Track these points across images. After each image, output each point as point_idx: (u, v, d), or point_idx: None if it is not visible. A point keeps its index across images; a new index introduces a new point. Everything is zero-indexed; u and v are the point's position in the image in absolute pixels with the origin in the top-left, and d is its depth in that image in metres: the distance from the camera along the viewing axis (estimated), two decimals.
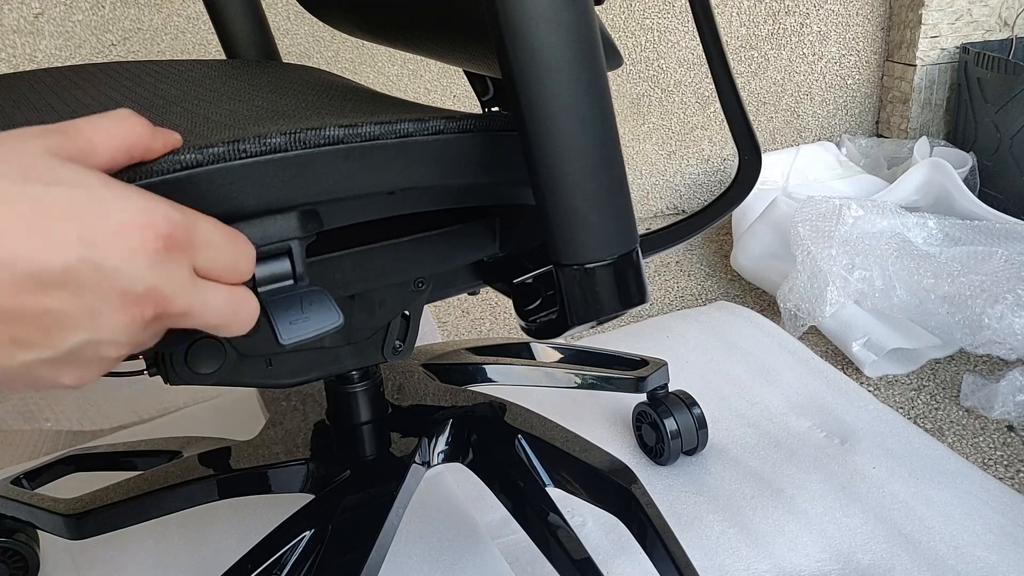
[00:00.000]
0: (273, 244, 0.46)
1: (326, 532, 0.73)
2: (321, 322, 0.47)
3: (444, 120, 0.51)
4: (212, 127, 0.50)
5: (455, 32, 0.63)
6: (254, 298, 0.41)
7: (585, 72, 0.45)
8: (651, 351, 1.16)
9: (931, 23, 1.89)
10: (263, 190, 0.45)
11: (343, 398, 0.83)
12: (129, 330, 0.36)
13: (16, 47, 1.53)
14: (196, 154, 0.42)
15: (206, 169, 0.43)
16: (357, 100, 0.65)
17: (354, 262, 0.58)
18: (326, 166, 0.46)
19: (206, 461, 0.85)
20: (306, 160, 0.46)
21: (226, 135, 0.45)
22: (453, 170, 0.52)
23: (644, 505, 0.80)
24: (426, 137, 0.50)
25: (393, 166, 0.49)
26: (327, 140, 0.46)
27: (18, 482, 0.96)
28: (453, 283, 0.68)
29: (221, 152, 0.43)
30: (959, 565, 0.93)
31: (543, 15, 0.43)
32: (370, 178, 0.49)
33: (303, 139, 0.45)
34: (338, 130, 0.46)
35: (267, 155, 0.44)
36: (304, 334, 0.46)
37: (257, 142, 0.44)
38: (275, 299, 0.46)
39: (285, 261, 0.46)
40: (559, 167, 0.46)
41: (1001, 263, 1.33)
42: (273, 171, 0.45)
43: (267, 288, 0.46)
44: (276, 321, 0.45)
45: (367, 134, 0.47)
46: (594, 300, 0.50)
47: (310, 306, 0.47)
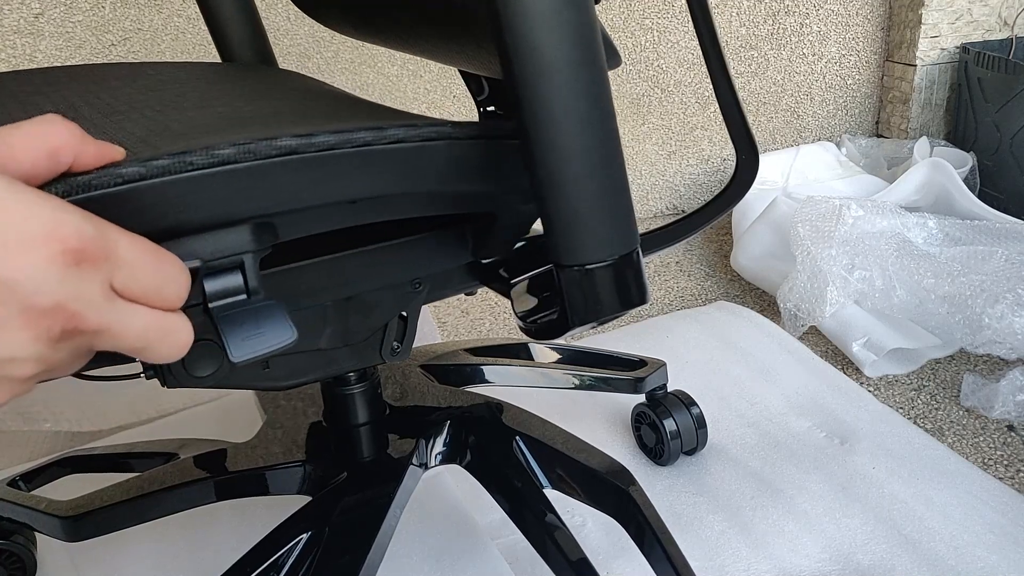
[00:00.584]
0: (225, 258, 0.44)
1: (323, 534, 0.73)
2: (274, 338, 0.45)
3: (405, 128, 0.49)
4: (167, 136, 0.49)
5: (451, 32, 0.62)
6: (185, 324, 0.39)
7: (586, 71, 0.45)
8: (651, 351, 1.16)
9: (931, 23, 1.89)
10: (213, 203, 0.43)
11: (340, 399, 0.83)
12: (34, 347, 0.34)
13: (16, 47, 1.53)
14: (139, 167, 0.41)
15: (150, 182, 0.41)
16: (329, 107, 0.64)
17: (322, 270, 0.58)
18: (279, 177, 0.45)
19: (203, 463, 0.85)
20: (258, 172, 0.44)
21: (178, 145, 0.44)
22: (414, 179, 0.51)
23: (642, 507, 0.80)
24: (385, 146, 0.48)
25: (351, 176, 0.48)
26: (280, 151, 0.44)
27: (15, 484, 0.96)
28: (450, 284, 0.67)
29: (166, 165, 0.41)
30: (959, 565, 0.93)
31: (544, 14, 0.43)
32: (327, 188, 0.47)
33: (254, 150, 0.43)
34: (292, 140, 0.45)
35: (216, 167, 0.43)
36: (256, 351, 0.45)
37: (205, 154, 0.42)
38: (227, 314, 0.44)
39: (237, 275, 0.45)
40: (559, 167, 0.46)
41: (1001, 263, 1.33)
42: (223, 184, 0.43)
43: (218, 303, 0.44)
44: (227, 337, 0.44)
45: (322, 144, 0.46)
46: (594, 301, 0.50)
47: (264, 321, 0.45)
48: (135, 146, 0.46)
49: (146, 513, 0.82)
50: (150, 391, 1.35)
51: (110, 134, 0.50)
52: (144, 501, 0.82)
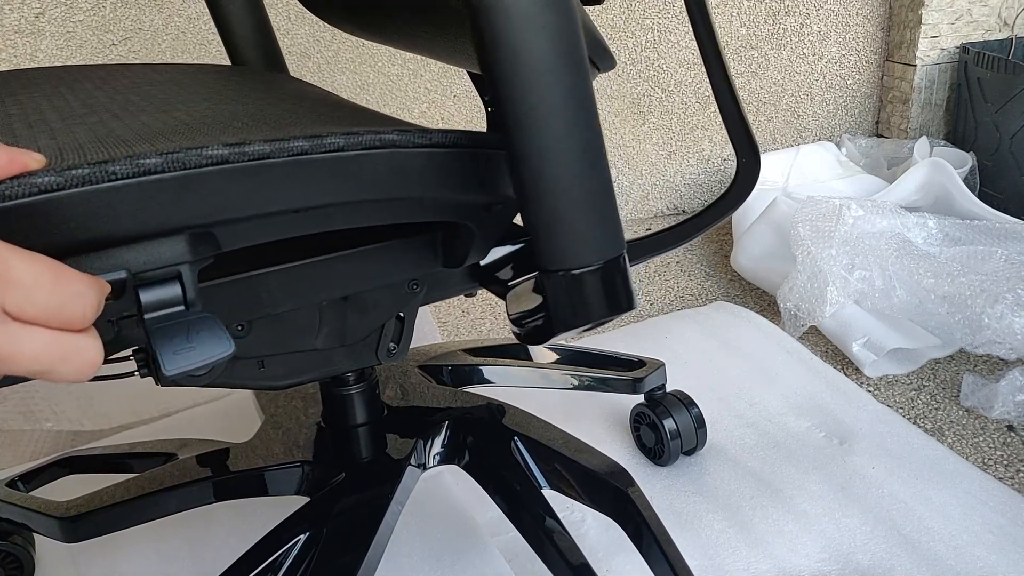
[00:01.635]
0: (159, 269, 0.43)
1: (321, 535, 0.73)
2: (209, 351, 0.44)
3: (345, 137, 0.48)
4: (108, 142, 0.48)
5: (453, 32, 0.62)
6: (92, 343, 0.37)
7: (568, 75, 0.44)
8: (650, 351, 1.16)
9: (931, 23, 1.88)
10: (141, 214, 0.42)
11: (339, 400, 0.83)
12: None
13: (17, 47, 1.53)
14: (56, 177, 0.39)
15: (68, 193, 0.40)
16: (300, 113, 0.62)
17: (318, 270, 0.57)
18: (210, 187, 0.44)
19: (202, 463, 0.85)
20: (187, 181, 0.43)
21: (106, 153, 0.43)
22: (354, 189, 0.49)
23: (641, 508, 0.80)
24: (322, 155, 0.47)
25: (286, 186, 0.46)
26: (209, 160, 0.43)
27: (13, 484, 0.96)
28: (448, 285, 0.67)
29: (85, 175, 0.40)
30: (958, 565, 0.93)
31: (524, 17, 0.42)
32: (263, 198, 0.46)
33: (182, 160, 0.42)
34: (223, 149, 0.43)
35: (140, 177, 0.41)
36: (189, 364, 0.44)
37: (129, 163, 0.41)
38: (161, 327, 0.43)
39: (175, 286, 0.44)
40: (542, 171, 0.45)
41: (1001, 263, 1.33)
42: (150, 194, 0.42)
43: (154, 315, 0.43)
44: (159, 351, 0.43)
45: (254, 153, 0.44)
46: (581, 306, 0.50)
47: (198, 334, 0.44)
48: (72, 152, 0.45)
49: (144, 514, 0.82)
50: (150, 391, 1.36)
51: (59, 140, 0.49)
52: (142, 502, 0.82)
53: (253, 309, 0.57)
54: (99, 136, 0.50)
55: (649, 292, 1.67)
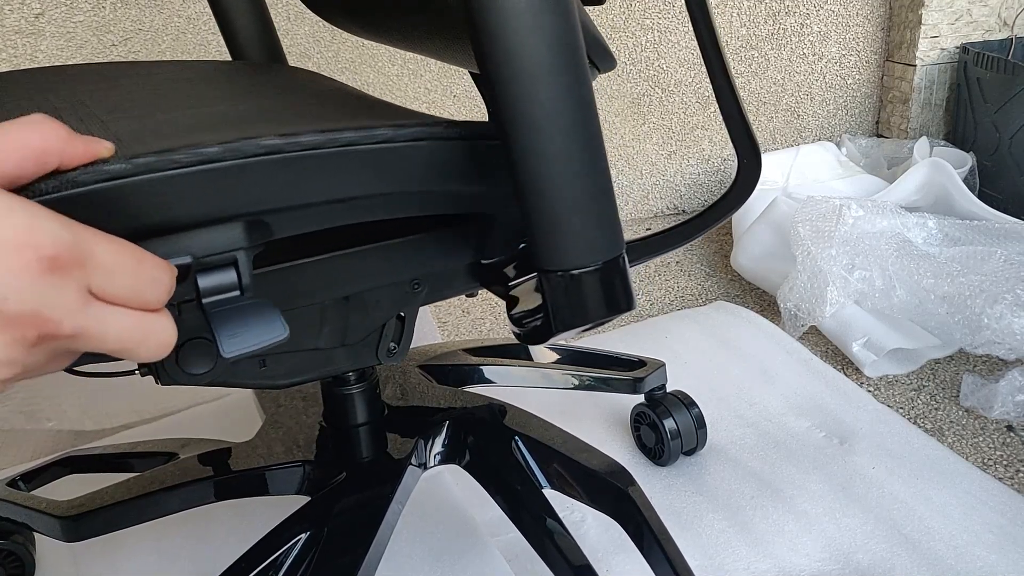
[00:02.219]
0: (217, 255, 0.45)
1: (322, 534, 0.73)
2: (265, 334, 0.46)
3: (393, 128, 0.49)
4: (161, 134, 0.49)
5: (454, 31, 0.62)
6: (167, 324, 0.39)
7: (566, 75, 0.44)
8: (650, 351, 1.16)
9: (931, 23, 1.88)
10: (200, 201, 0.44)
11: (340, 399, 0.83)
12: (8, 352, 0.34)
13: (17, 47, 1.53)
14: (124, 164, 0.41)
15: (135, 180, 0.41)
16: (329, 105, 0.64)
17: (321, 269, 0.57)
18: (265, 176, 0.45)
19: (202, 463, 0.85)
20: (243, 170, 0.44)
21: (166, 143, 0.44)
22: (402, 179, 0.51)
23: (641, 508, 0.80)
24: (370, 146, 0.48)
25: (336, 175, 0.48)
26: (265, 150, 0.45)
27: (14, 484, 0.96)
28: (450, 285, 0.67)
29: (151, 162, 0.42)
30: (958, 565, 0.93)
31: (521, 17, 0.43)
32: (314, 187, 0.47)
33: (239, 149, 0.44)
34: (276, 139, 0.45)
35: (201, 165, 0.43)
36: (247, 347, 0.45)
37: (190, 152, 0.43)
38: (218, 311, 0.45)
39: (231, 272, 0.45)
40: (541, 172, 0.46)
41: (1001, 263, 1.33)
42: (209, 182, 0.43)
43: (211, 299, 0.45)
44: (218, 333, 0.44)
45: (307, 143, 0.46)
46: (579, 306, 0.50)
47: (255, 318, 0.45)
48: (130, 143, 0.46)
49: (145, 513, 0.82)
50: (152, 391, 1.36)
51: (111, 131, 0.50)
52: (143, 501, 0.82)
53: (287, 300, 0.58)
54: (148, 128, 0.51)
55: (649, 292, 1.67)
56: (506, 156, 0.46)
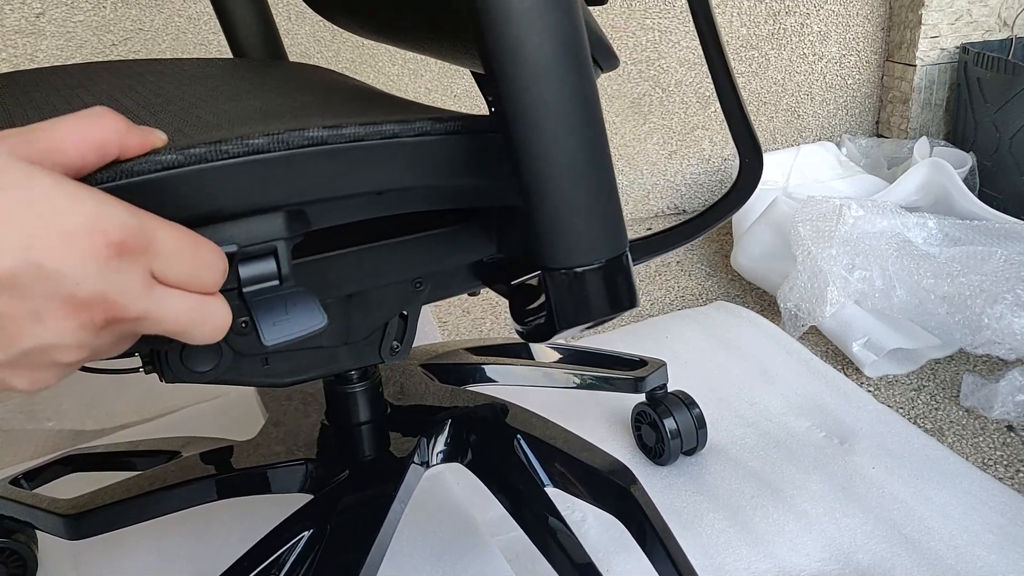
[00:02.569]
0: (258, 244, 0.46)
1: (324, 532, 0.73)
2: (305, 323, 0.46)
3: (431, 121, 0.50)
4: (202, 127, 0.50)
5: (456, 31, 0.63)
6: (223, 307, 0.40)
7: (571, 74, 0.45)
8: (650, 351, 1.16)
9: (931, 23, 1.89)
10: (246, 191, 0.45)
11: (342, 398, 0.83)
12: (78, 335, 0.35)
13: (17, 47, 1.53)
14: (177, 155, 0.42)
15: (187, 170, 0.43)
16: (354, 100, 0.65)
17: (347, 262, 0.58)
18: (310, 167, 0.46)
19: (204, 461, 0.85)
20: (289, 161, 0.45)
21: (212, 135, 0.45)
22: (440, 171, 0.52)
23: (643, 506, 0.80)
24: (412, 138, 0.49)
25: (378, 167, 0.49)
26: (310, 141, 0.46)
27: (16, 482, 0.96)
28: (452, 284, 0.68)
29: (202, 153, 0.43)
30: (958, 565, 0.93)
31: (526, 16, 0.43)
32: (355, 179, 0.48)
33: (286, 140, 0.45)
34: (322, 131, 0.46)
35: (249, 156, 0.44)
36: (287, 335, 0.46)
37: (239, 143, 0.44)
38: (259, 299, 0.46)
39: (271, 261, 0.46)
40: (544, 170, 0.46)
41: (1001, 263, 1.33)
42: (256, 172, 0.45)
43: (252, 288, 0.46)
44: (259, 322, 0.45)
45: (351, 135, 0.47)
46: (583, 304, 0.50)
47: (294, 307, 0.46)
48: (172, 136, 0.47)
49: (147, 511, 0.82)
50: (153, 389, 1.36)
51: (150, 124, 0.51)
52: (145, 499, 0.82)
53: None
54: (189, 122, 0.52)
55: (649, 292, 1.67)
56: (510, 154, 0.46)
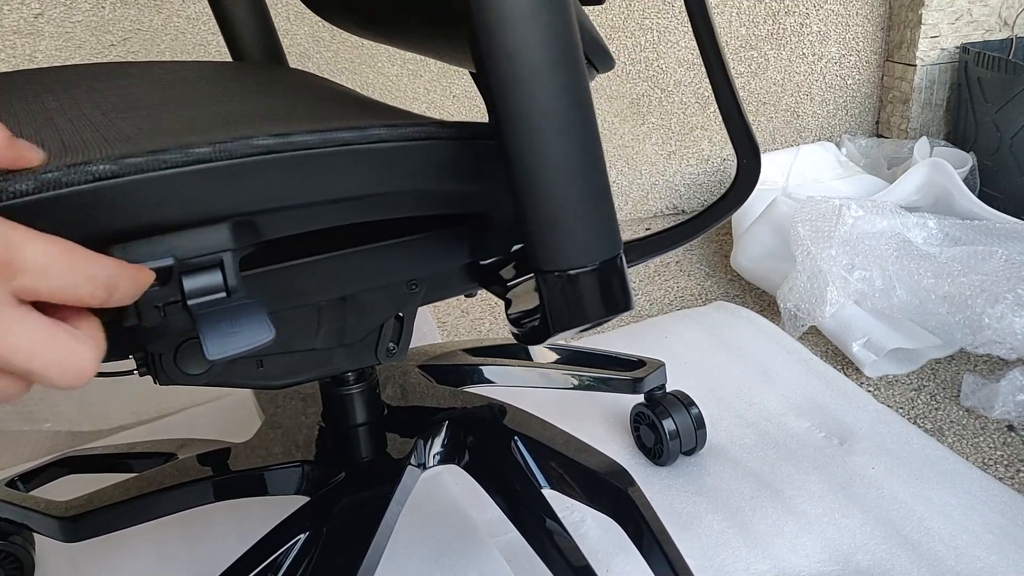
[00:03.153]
0: (204, 256, 0.44)
1: (321, 534, 0.73)
2: (251, 337, 0.45)
3: (387, 128, 0.49)
4: (155, 134, 0.49)
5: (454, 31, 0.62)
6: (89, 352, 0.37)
7: (563, 75, 0.44)
8: (649, 351, 1.16)
9: (931, 23, 1.88)
10: (190, 201, 0.43)
11: (338, 400, 0.83)
12: None
13: (16, 47, 1.53)
14: (111, 165, 0.41)
15: (123, 180, 0.41)
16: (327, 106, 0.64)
17: (317, 269, 0.57)
18: (256, 177, 0.45)
19: (201, 463, 0.85)
20: (234, 171, 0.44)
21: (164, 143, 0.44)
22: (396, 179, 0.50)
23: (641, 508, 0.80)
24: (365, 146, 0.48)
25: (329, 176, 0.47)
26: (257, 150, 0.44)
27: (13, 484, 0.96)
28: (448, 285, 0.67)
29: (140, 163, 0.41)
30: (958, 565, 0.93)
31: (520, 16, 0.42)
32: (306, 188, 0.47)
33: (230, 150, 0.44)
34: (269, 139, 0.45)
35: (191, 165, 0.43)
36: (232, 349, 0.45)
37: (181, 152, 0.42)
38: (204, 312, 0.44)
39: (217, 273, 0.45)
40: (537, 172, 0.46)
41: (1001, 263, 1.33)
42: (199, 182, 0.43)
43: (197, 301, 0.44)
44: (203, 335, 0.44)
45: (299, 143, 0.46)
46: (577, 307, 0.50)
47: (241, 320, 0.45)
48: (122, 144, 0.46)
49: (144, 513, 0.82)
50: (150, 391, 1.35)
51: (102, 132, 0.50)
52: (142, 501, 0.82)
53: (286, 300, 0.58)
54: (143, 129, 0.51)
55: (649, 292, 1.67)
56: (503, 155, 0.46)
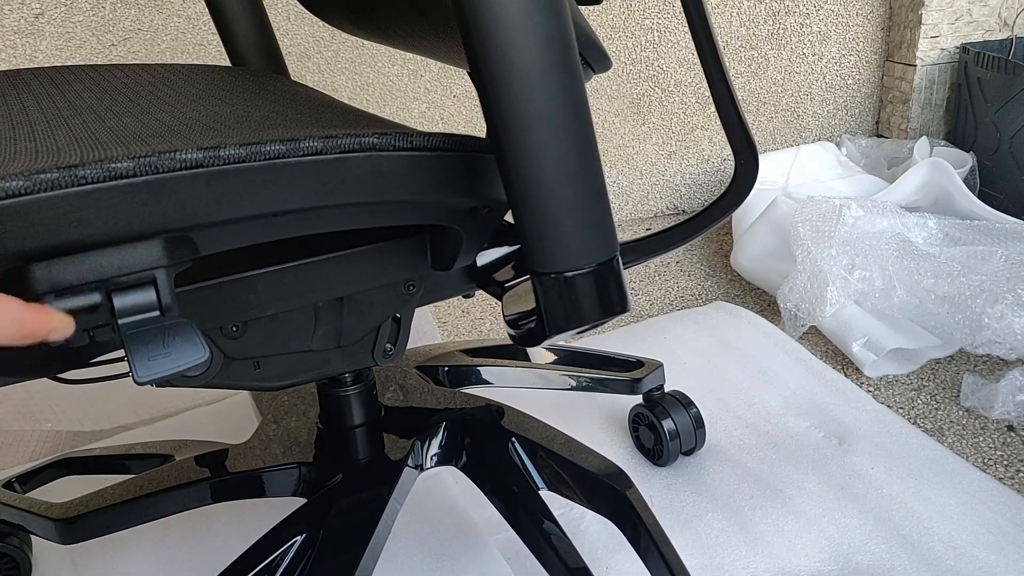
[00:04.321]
0: (135, 273, 0.43)
1: (318, 536, 0.73)
2: (183, 358, 0.44)
3: (322, 140, 0.47)
4: (87, 145, 0.48)
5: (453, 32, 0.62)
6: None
7: (558, 75, 0.44)
8: (648, 352, 1.16)
9: (931, 23, 1.88)
10: (114, 218, 0.42)
11: (336, 401, 0.83)
12: None
13: (16, 47, 1.53)
14: (23, 181, 0.39)
15: (37, 197, 0.40)
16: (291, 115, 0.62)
17: (312, 271, 0.57)
18: (185, 191, 0.43)
19: (199, 464, 0.85)
20: (160, 186, 0.42)
21: (86, 155, 0.43)
22: (333, 193, 0.48)
23: (639, 510, 0.80)
24: (299, 159, 0.46)
25: (262, 190, 0.46)
26: (183, 164, 0.43)
27: (10, 485, 0.96)
28: (445, 287, 0.67)
29: (54, 179, 0.40)
30: (958, 565, 0.92)
31: (513, 17, 0.42)
32: (239, 203, 0.45)
33: (154, 164, 0.42)
34: (196, 153, 0.43)
35: (111, 181, 0.41)
36: (163, 371, 0.43)
37: (98, 167, 0.41)
38: (135, 332, 0.43)
39: (150, 291, 0.44)
40: (533, 174, 0.45)
41: (1001, 263, 1.33)
42: (122, 198, 0.42)
43: (128, 320, 0.43)
44: (133, 357, 0.43)
45: (229, 156, 0.44)
46: (573, 309, 0.49)
47: (173, 340, 0.44)
48: (48, 154, 0.44)
49: (141, 515, 0.82)
50: (149, 392, 1.36)
51: (37, 142, 0.49)
52: (139, 503, 0.82)
53: (241, 312, 0.56)
54: (78, 138, 0.50)
55: (649, 292, 1.67)
56: (498, 157, 0.46)
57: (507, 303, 0.57)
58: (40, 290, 0.41)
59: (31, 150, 0.47)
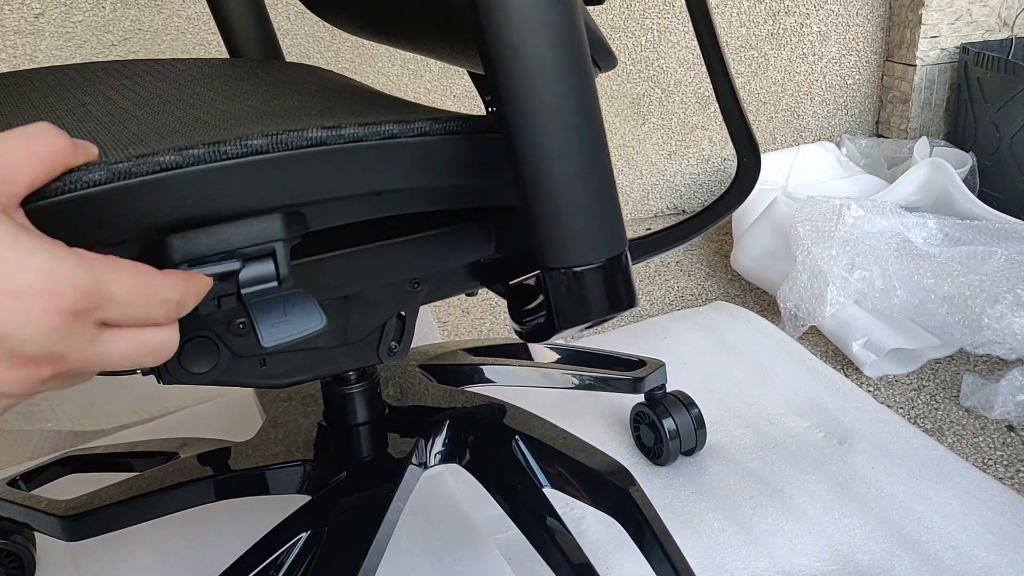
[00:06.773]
0: (257, 246, 0.46)
1: (322, 533, 0.73)
2: (303, 324, 0.47)
3: (430, 122, 0.50)
4: (201, 128, 0.50)
5: (455, 32, 0.62)
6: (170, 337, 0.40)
7: (570, 73, 0.45)
8: (649, 351, 1.16)
9: (931, 23, 1.88)
10: (245, 192, 0.45)
11: (340, 399, 0.83)
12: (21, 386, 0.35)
13: (16, 47, 1.53)
14: (175, 155, 0.42)
15: (184, 171, 0.42)
16: (352, 100, 0.64)
17: (345, 263, 0.58)
18: (309, 168, 0.46)
19: (202, 462, 0.85)
20: (288, 162, 0.45)
21: (211, 136, 0.45)
22: (439, 172, 0.52)
23: (642, 507, 0.80)
24: (411, 139, 0.49)
25: (377, 168, 0.49)
26: (309, 142, 0.46)
27: (14, 483, 0.96)
28: (450, 284, 0.67)
29: (201, 154, 0.43)
30: (958, 565, 0.93)
31: (526, 15, 0.43)
32: (354, 180, 0.48)
33: (285, 141, 0.45)
34: (321, 131, 0.46)
35: (248, 157, 0.44)
36: (286, 336, 0.46)
37: (238, 144, 0.44)
38: (257, 301, 0.46)
39: (269, 263, 0.46)
40: (543, 170, 0.46)
41: (1001, 263, 1.33)
42: (255, 173, 0.45)
43: (250, 290, 0.46)
44: (258, 323, 0.45)
45: (350, 135, 0.47)
46: (582, 304, 0.50)
47: (292, 308, 0.46)
48: (170, 136, 0.47)
49: (145, 513, 0.82)
50: (152, 390, 1.35)
51: (146, 125, 0.51)
52: (143, 501, 0.82)
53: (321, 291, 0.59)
54: (187, 122, 0.52)
55: (649, 292, 1.67)
56: (509, 153, 0.46)
57: (513, 300, 0.57)
58: (176, 260, 0.43)
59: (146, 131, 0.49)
